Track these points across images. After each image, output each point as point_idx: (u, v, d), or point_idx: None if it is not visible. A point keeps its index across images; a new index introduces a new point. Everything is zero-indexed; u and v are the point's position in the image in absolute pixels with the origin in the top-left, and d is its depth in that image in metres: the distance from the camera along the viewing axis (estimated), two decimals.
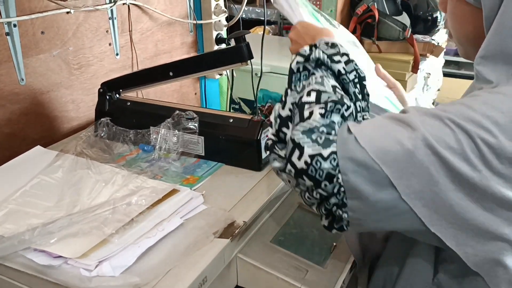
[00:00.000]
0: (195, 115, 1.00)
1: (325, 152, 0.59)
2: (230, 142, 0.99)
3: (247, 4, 1.63)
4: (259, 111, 1.96)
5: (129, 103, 1.11)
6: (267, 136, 0.71)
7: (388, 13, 2.33)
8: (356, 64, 0.74)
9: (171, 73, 1.03)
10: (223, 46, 1.65)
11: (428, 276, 0.69)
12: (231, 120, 0.99)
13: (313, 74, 0.70)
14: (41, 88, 1.16)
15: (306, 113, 0.63)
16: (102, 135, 1.07)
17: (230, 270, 0.79)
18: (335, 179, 0.59)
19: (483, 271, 0.60)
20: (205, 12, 1.59)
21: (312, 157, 0.59)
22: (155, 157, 1.01)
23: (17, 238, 0.73)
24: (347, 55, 0.73)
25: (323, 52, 0.71)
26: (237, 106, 2.02)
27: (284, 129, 0.66)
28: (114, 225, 0.75)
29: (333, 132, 0.61)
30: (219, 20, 1.60)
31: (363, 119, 0.72)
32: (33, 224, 0.76)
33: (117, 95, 1.13)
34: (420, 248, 0.71)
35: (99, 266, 0.69)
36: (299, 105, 0.65)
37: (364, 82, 0.73)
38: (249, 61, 0.99)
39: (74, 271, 0.69)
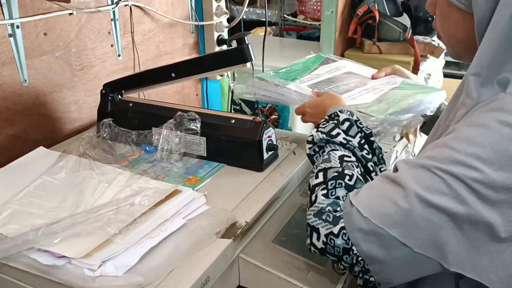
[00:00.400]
0: (197, 116, 1.00)
1: (335, 230, 0.65)
2: (232, 143, 0.99)
3: (248, 5, 1.64)
4: (260, 112, 1.96)
5: (131, 104, 1.11)
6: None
7: (388, 14, 2.34)
8: (361, 123, 0.80)
9: (173, 74, 1.03)
10: (225, 47, 1.66)
11: None
12: (233, 121, 1.00)
13: (324, 151, 0.78)
14: (43, 89, 1.16)
15: (313, 197, 0.70)
16: (104, 136, 1.08)
17: (232, 270, 0.80)
18: (351, 252, 0.65)
19: None
20: (206, 14, 1.60)
21: (326, 236, 0.65)
22: (158, 158, 1.01)
23: (21, 238, 0.73)
24: (348, 120, 0.80)
25: (321, 132, 0.79)
26: (238, 107, 2.03)
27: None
28: (117, 225, 0.76)
29: (338, 208, 0.67)
30: (221, 22, 1.61)
31: (381, 171, 0.79)
32: (36, 224, 0.77)
33: (119, 96, 1.13)
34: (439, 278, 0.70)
35: (102, 266, 0.69)
36: (311, 189, 0.72)
37: (371, 139, 0.80)
38: (250, 62, 0.99)
39: (77, 271, 0.69)
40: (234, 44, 0.99)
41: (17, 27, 1.06)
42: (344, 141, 0.78)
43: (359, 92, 1.03)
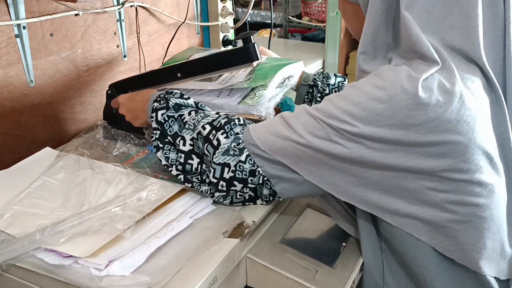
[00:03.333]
0: None
1: (242, 157, 0.77)
2: None
3: (252, 7, 1.63)
4: None
5: None
6: (175, 173, 0.86)
7: None
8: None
9: (179, 74, 1.03)
10: (230, 47, 1.66)
11: (374, 242, 0.80)
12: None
13: (182, 114, 0.87)
14: (50, 90, 1.16)
15: (215, 142, 0.79)
16: (108, 136, 1.07)
17: (239, 270, 0.79)
18: (257, 172, 0.77)
19: (403, 225, 0.72)
20: (212, 14, 1.60)
21: (235, 165, 0.77)
22: None
23: (28, 238, 0.73)
24: (182, 93, 0.91)
25: (174, 97, 0.89)
26: None
27: (190, 161, 0.84)
28: (125, 221, 0.75)
29: (240, 141, 0.78)
30: (226, 22, 1.61)
31: None
32: (42, 224, 0.76)
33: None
34: (359, 213, 0.80)
35: (109, 266, 0.69)
36: (205, 140, 0.81)
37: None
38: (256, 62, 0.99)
39: (84, 271, 0.69)
40: (240, 44, 0.98)
41: (24, 27, 1.07)
42: (196, 101, 0.91)
43: (230, 73, 1.09)
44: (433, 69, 0.66)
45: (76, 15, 1.18)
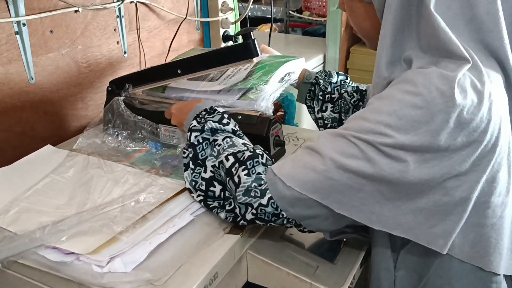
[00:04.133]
0: None
1: (264, 201, 0.71)
2: None
3: (253, 2, 1.63)
4: None
5: (137, 101, 1.11)
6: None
7: None
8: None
9: (179, 71, 1.03)
10: (230, 43, 1.66)
11: (389, 261, 0.77)
12: (240, 117, 0.99)
13: (215, 140, 0.82)
14: (50, 87, 1.17)
15: (236, 179, 0.74)
16: (112, 121, 1.08)
17: (240, 266, 0.80)
18: (280, 215, 0.72)
19: (437, 246, 0.67)
20: (212, 10, 1.59)
21: (257, 208, 0.72)
22: (165, 155, 1.01)
23: (28, 236, 0.74)
24: (224, 112, 0.87)
25: (212, 121, 0.84)
26: None
27: (212, 188, 0.81)
28: (123, 222, 0.76)
29: (262, 182, 0.73)
30: (226, 18, 1.60)
31: None
32: (44, 222, 0.77)
33: (126, 93, 1.13)
34: (377, 236, 0.77)
35: (110, 262, 0.69)
36: (226, 172, 0.77)
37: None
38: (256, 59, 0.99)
39: (86, 267, 0.69)
40: (240, 40, 0.98)
41: (24, 24, 1.07)
42: (236, 128, 0.86)
43: (232, 72, 1.10)
44: (465, 68, 0.63)
45: (76, 11, 1.18)
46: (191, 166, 0.82)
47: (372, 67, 0.76)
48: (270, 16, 1.63)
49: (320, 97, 1.09)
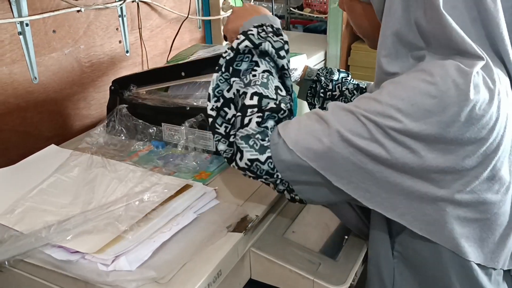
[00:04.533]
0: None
1: (262, 158, 0.70)
2: None
3: None
4: None
5: (140, 100, 1.12)
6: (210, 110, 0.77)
7: None
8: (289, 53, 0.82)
9: (183, 73, 1.03)
10: None
11: (387, 249, 0.77)
12: None
13: (257, 64, 0.77)
14: (54, 86, 1.17)
15: (246, 120, 0.72)
16: (115, 127, 1.08)
17: (243, 263, 0.80)
18: (274, 176, 0.71)
19: (430, 233, 0.68)
20: (213, 8, 1.60)
21: (251, 161, 0.70)
22: (167, 154, 1.02)
23: (34, 235, 0.74)
24: (287, 43, 0.80)
25: (272, 46, 0.77)
26: None
27: (226, 109, 0.76)
28: (128, 221, 0.76)
29: (266, 138, 0.71)
30: (228, 16, 1.61)
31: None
32: (49, 221, 0.77)
33: (128, 92, 1.14)
34: (374, 220, 0.77)
35: (116, 261, 0.70)
36: (242, 108, 0.73)
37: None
38: None
39: (91, 266, 0.70)
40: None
41: (27, 25, 1.07)
42: (286, 66, 0.80)
43: None
44: (479, 65, 0.64)
45: (78, 11, 1.18)
46: (223, 69, 0.78)
47: (374, 64, 0.76)
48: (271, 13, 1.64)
49: (321, 94, 1.10)
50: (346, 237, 0.86)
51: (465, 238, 0.69)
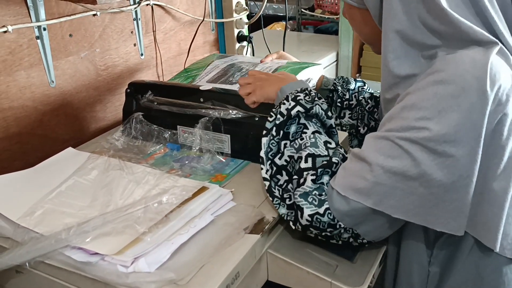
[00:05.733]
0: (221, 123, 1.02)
1: (321, 210, 0.72)
2: (257, 140, 0.99)
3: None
4: None
5: (155, 103, 1.13)
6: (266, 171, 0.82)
7: None
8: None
9: (201, 99, 1.05)
10: (245, 43, 1.67)
11: (422, 256, 0.79)
12: (257, 119, 1.00)
13: (305, 127, 0.80)
14: (70, 90, 1.19)
15: (301, 181, 0.75)
16: (131, 133, 1.09)
17: (261, 265, 0.81)
18: (337, 226, 0.73)
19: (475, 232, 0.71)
20: (226, 11, 1.61)
21: (311, 216, 0.73)
22: (183, 156, 1.03)
23: (54, 237, 0.75)
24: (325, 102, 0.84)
25: (321, 108, 0.82)
26: None
27: (278, 176, 0.80)
28: (146, 223, 0.77)
29: (323, 193, 0.74)
30: (241, 18, 1.61)
31: None
32: (68, 223, 0.78)
33: (144, 96, 1.15)
34: (411, 229, 0.79)
35: (135, 263, 0.71)
36: (298, 171, 0.76)
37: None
38: None
39: (111, 268, 0.71)
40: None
41: (44, 29, 1.09)
42: (333, 125, 0.84)
43: None
44: (495, 50, 0.65)
45: (94, 15, 1.20)
46: (274, 133, 0.81)
47: None
48: (282, 14, 1.64)
49: (339, 104, 1.09)
50: None
51: (504, 236, 0.72)
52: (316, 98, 0.82)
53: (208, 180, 0.94)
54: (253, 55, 1.70)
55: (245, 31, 1.66)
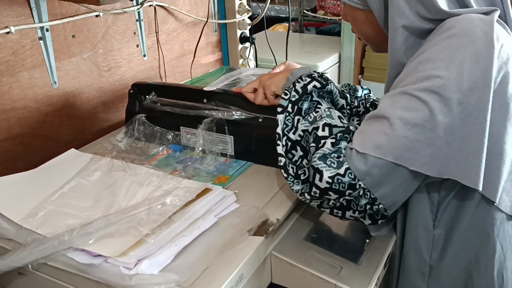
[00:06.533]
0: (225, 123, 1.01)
1: (341, 171, 0.72)
2: (260, 141, 0.99)
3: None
4: None
5: (158, 104, 1.12)
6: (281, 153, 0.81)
7: None
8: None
9: (205, 100, 1.05)
10: (247, 44, 1.66)
11: (427, 220, 0.82)
12: (260, 120, 1.00)
13: (319, 103, 0.82)
14: (73, 91, 1.19)
15: (320, 145, 0.75)
16: (134, 135, 1.09)
17: (265, 267, 0.80)
18: (357, 186, 0.72)
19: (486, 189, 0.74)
20: (229, 12, 1.60)
21: (331, 178, 0.72)
22: (185, 157, 1.02)
23: (57, 239, 0.75)
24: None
25: (335, 86, 0.84)
26: None
27: (293, 151, 0.80)
28: (150, 225, 0.77)
29: (342, 155, 0.74)
30: (243, 19, 1.61)
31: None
32: (71, 225, 0.78)
33: (147, 96, 1.14)
34: (415, 193, 0.81)
35: (138, 264, 0.70)
36: (315, 139, 0.76)
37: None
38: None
39: (114, 269, 0.70)
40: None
41: (47, 30, 1.09)
42: (346, 105, 0.88)
43: None
44: (496, 14, 0.71)
45: (97, 16, 1.20)
46: (289, 109, 0.82)
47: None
48: (284, 16, 1.64)
49: (348, 111, 1.10)
50: (367, 240, 0.85)
51: (506, 192, 0.76)
52: (328, 80, 0.85)
53: (211, 181, 0.94)
54: (256, 56, 1.70)
55: (247, 32, 1.66)
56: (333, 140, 0.75)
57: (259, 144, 1.00)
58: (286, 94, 0.82)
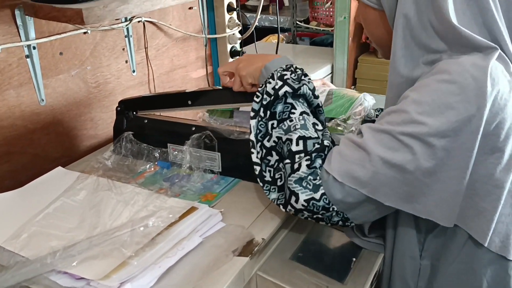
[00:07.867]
0: (214, 140, 1.01)
1: (317, 196, 0.73)
2: (248, 158, 0.99)
3: (260, 12, 1.65)
4: None
5: (146, 121, 1.12)
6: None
7: None
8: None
9: (189, 102, 1.04)
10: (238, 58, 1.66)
11: (414, 249, 0.82)
12: (247, 136, 1.00)
13: (293, 107, 0.80)
14: (60, 108, 1.18)
15: (295, 165, 0.75)
16: (122, 152, 1.08)
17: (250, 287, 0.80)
18: (330, 209, 0.74)
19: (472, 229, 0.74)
20: (219, 26, 1.61)
21: (307, 201, 0.74)
22: (173, 174, 1.02)
23: (40, 261, 0.74)
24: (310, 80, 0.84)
25: (308, 88, 0.82)
26: None
27: (269, 157, 0.81)
28: (133, 247, 0.76)
29: (317, 177, 0.75)
30: (233, 34, 1.61)
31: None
32: (55, 246, 0.77)
33: (134, 113, 1.14)
34: (403, 222, 0.82)
35: (121, 287, 0.70)
36: (290, 154, 0.76)
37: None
38: None
39: None
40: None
41: (34, 48, 1.08)
42: (321, 104, 0.86)
43: None
44: (494, 56, 0.68)
45: (85, 33, 1.20)
46: (261, 114, 0.81)
47: (380, 76, 0.83)
48: (277, 26, 1.64)
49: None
50: (354, 259, 0.85)
51: (496, 233, 0.74)
52: (302, 77, 0.83)
53: (197, 199, 0.93)
54: None
55: (238, 46, 1.66)
56: (308, 162, 0.75)
57: (247, 161, 0.99)
58: (257, 97, 0.82)
